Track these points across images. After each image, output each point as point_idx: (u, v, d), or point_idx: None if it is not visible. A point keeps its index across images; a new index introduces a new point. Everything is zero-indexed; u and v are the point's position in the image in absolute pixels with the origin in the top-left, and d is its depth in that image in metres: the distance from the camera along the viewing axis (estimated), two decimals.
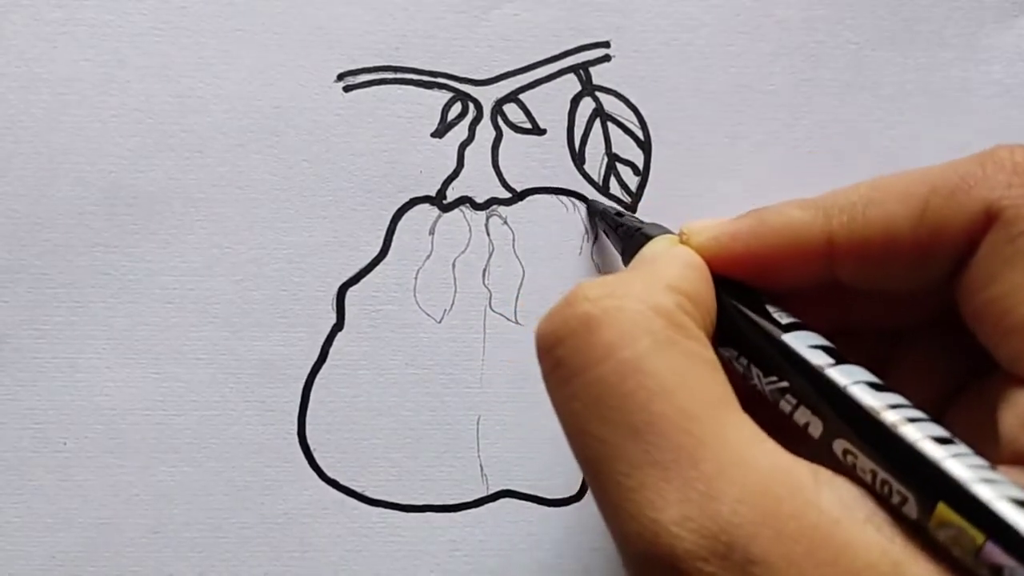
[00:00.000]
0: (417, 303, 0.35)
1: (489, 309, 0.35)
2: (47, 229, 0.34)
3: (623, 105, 0.35)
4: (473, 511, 0.34)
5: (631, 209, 0.35)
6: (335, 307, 0.34)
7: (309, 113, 0.34)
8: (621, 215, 0.33)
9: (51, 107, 0.34)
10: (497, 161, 0.35)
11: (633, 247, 0.30)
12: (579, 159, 0.35)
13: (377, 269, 0.34)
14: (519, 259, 0.35)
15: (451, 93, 0.35)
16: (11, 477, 0.33)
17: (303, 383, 0.34)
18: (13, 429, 0.33)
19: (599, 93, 0.35)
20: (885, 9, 0.36)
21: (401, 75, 0.35)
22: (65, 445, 0.34)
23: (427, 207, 0.35)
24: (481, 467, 0.35)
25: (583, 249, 0.35)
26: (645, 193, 0.35)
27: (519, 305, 0.35)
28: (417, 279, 0.35)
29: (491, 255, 0.35)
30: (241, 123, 0.34)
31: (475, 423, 0.35)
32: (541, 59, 0.35)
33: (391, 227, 0.35)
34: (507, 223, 0.35)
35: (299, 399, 0.34)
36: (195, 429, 0.34)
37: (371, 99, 0.35)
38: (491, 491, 0.35)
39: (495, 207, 0.35)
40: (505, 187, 0.35)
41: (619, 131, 0.35)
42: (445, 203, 0.35)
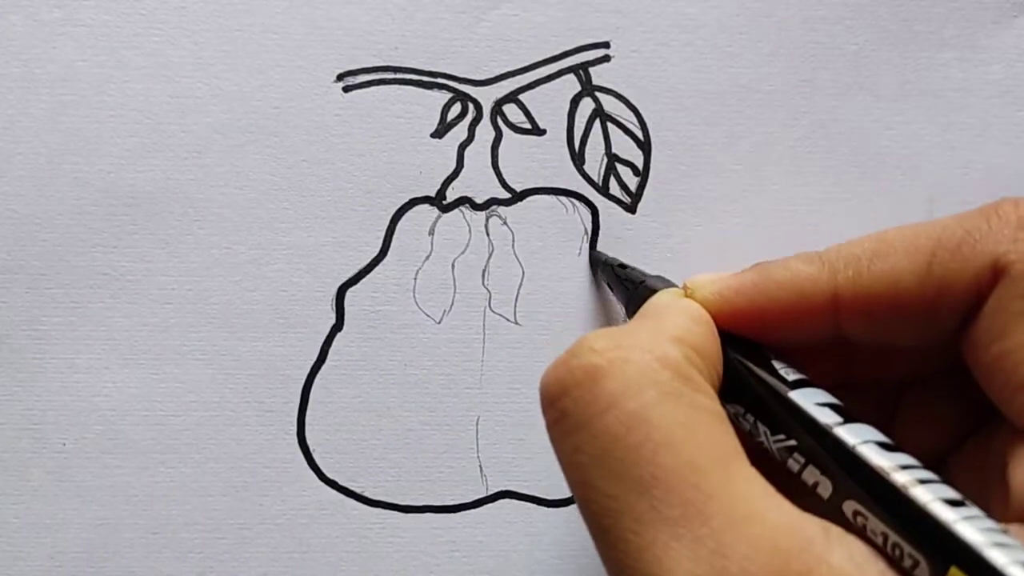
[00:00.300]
0: (417, 303, 0.34)
1: (489, 309, 0.35)
2: (46, 229, 0.34)
3: (623, 105, 0.35)
4: (472, 512, 0.34)
5: (631, 209, 0.35)
6: (335, 307, 0.34)
7: (309, 113, 0.34)
8: (624, 267, 0.33)
9: (50, 107, 0.34)
10: (497, 161, 0.35)
11: (637, 300, 0.30)
12: (579, 159, 0.35)
13: (377, 269, 0.34)
14: (519, 259, 0.35)
15: (451, 93, 0.35)
16: (10, 477, 0.33)
17: (302, 383, 0.34)
18: (12, 429, 0.33)
19: (599, 93, 0.35)
20: (885, 9, 0.36)
21: (401, 75, 0.35)
22: (64, 446, 0.34)
23: (427, 207, 0.35)
24: (480, 468, 0.35)
25: (582, 249, 0.35)
26: (645, 193, 0.35)
27: (519, 305, 0.35)
28: (417, 279, 0.35)
29: (491, 255, 0.35)
30: (240, 123, 0.34)
31: (474, 424, 0.35)
32: (541, 59, 0.35)
33: (391, 227, 0.34)
34: (507, 223, 0.35)
35: (298, 399, 0.34)
36: (194, 429, 0.34)
37: (371, 99, 0.34)
38: (490, 492, 0.35)
39: (495, 207, 0.35)
40: (505, 187, 0.35)
41: (619, 131, 0.35)
42: (445, 203, 0.35)
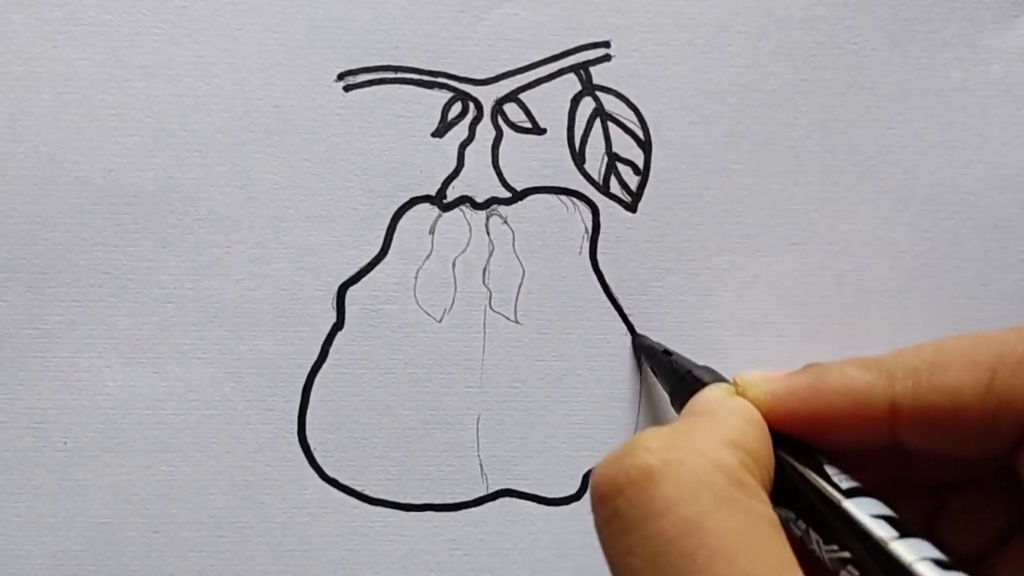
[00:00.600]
0: (417, 303, 0.35)
1: (489, 309, 0.35)
2: (48, 228, 0.34)
3: (623, 105, 0.35)
4: (473, 510, 0.34)
5: (631, 209, 0.35)
6: (335, 306, 0.34)
7: (309, 113, 0.34)
8: (669, 353, 0.33)
9: (51, 106, 0.34)
10: (497, 161, 0.35)
11: (683, 391, 0.30)
12: (579, 159, 0.35)
13: (377, 269, 0.34)
14: (519, 259, 0.35)
15: (451, 93, 0.35)
16: (11, 477, 0.33)
17: (303, 382, 0.34)
18: (13, 429, 0.33)
19: (599, 93, 0.35)
20: (885, 9, 0.36)
21: (401, 75, 0.35)
22: (65, 445, 0.34)
23: (427, 207, 0.35)
24: (481, 466, 0.35)
25: (583, 249, 0.35)
26: (645, 193, 0.35)
27: (519, 304, 0.35)
28: (417, 279, 0.35)
29: (491, 255, 0.35)
30: (241, 123, 0.34)
31: (475, 422, 0.35)
32: (541, 59, 0.35)
33: (391, 227, 0.35)
34: (507, 223, 0.35)
35: (299, 398, 0.34)
36: (195, 428, 0.34)
37: (371, 99, 0.35)
38: (491, 490, 0.35)
39: (495, 207, 0.35)
40: (505, 187, 0.35)
41: (619, 131, 0.35)
42: (445, 203, 0.35)
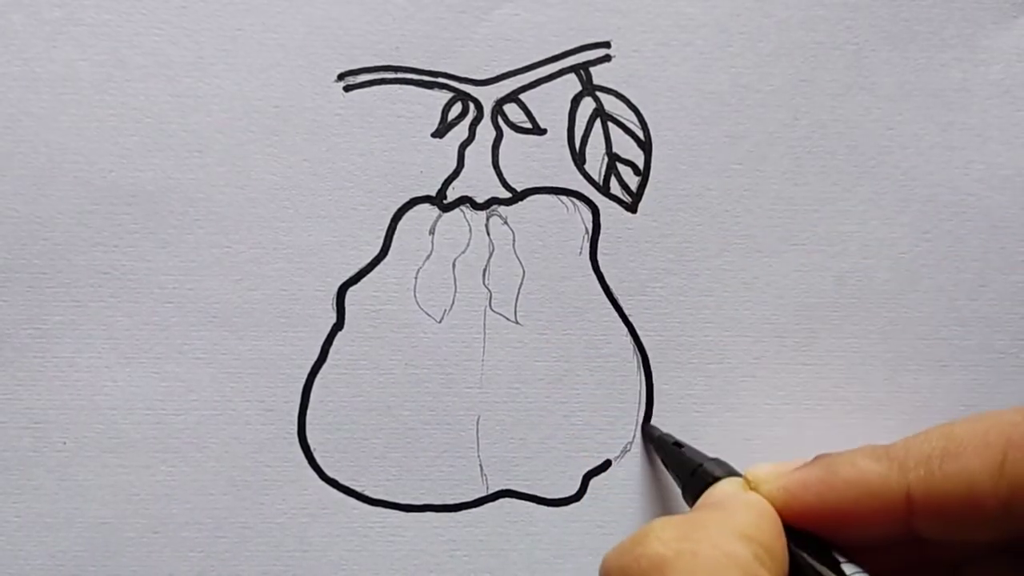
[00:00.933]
0: (417, 303, 0.35)
1: (489, 309, 0.35)
2: (47, 228, 0.34)
3: (623, 105, 0.35)
4: (473, 511, 0.34)
5: (632, 209, 0.35)
6: (335, 307, 0.34)
7: (309, 113, 0.34)
8: (679, 444, 0.32)
9: (51, 106, 0.34)
10: (497, 161, 0.35)
11: (695, 484, 0.30)
12: (579, 159, 0.35)
13: (377, 269, 0.34)
14: (519, 259, 0.35)
15: (451, 93, 0.35)
16: (12, 476, 0.33)
17: (303, 383, 0.34)
18: (13, 429, 0.33)
19: (599, 93, 0.35)
20: (885, 9, 0.36)
21: (401, 75, 0.35)
22: (65, 445, 0.34)
23: (427, 207, 0.35)
24: (481, 467, 0.35)
25: (583, 249, 0.35)
26: (646, 193, 0.35)
27: (519, 305, 0.35)
28: (417, 279, 0.35)
29: (491, 255, 0.35)
30: (241, 123, 0.34)
31: (475, 423, 0.35)
32: (541, 59, 0.35)
33: (391, 227, 0.35)
34: (507, 223, 0.35)
35: (299, 399, 0.34)
36: (195, 429, 0.34)
37: (371, 99, 0.34)
38: (491, 491, 0.35)
39: (495, 207, 0.35)
40: (505, 187, 0.35)
41: (619, 131, 0.35)
42: (445, 203, 0.35)
